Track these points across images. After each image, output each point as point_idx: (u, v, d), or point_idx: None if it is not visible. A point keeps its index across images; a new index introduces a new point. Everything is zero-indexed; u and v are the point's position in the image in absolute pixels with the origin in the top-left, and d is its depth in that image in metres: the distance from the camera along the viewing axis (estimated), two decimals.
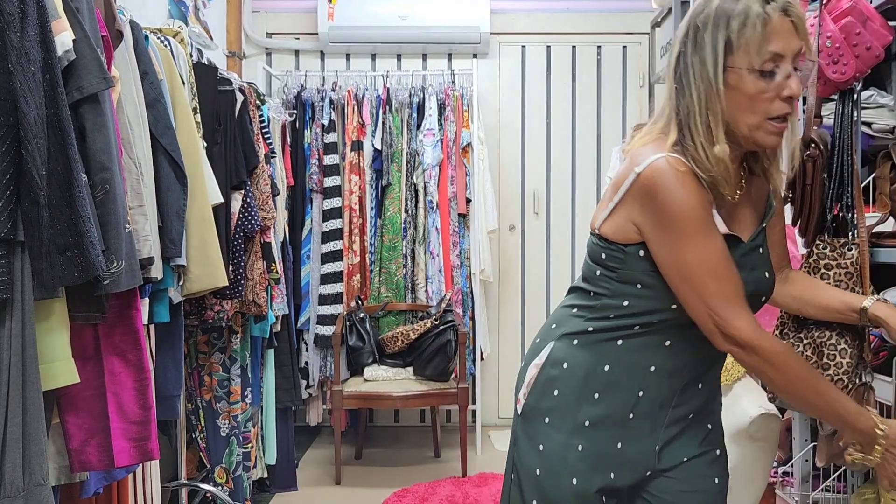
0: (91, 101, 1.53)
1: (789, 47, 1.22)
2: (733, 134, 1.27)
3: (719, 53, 1.23)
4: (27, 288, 1.41)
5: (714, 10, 1.24)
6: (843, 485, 1.94)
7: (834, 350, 1.56)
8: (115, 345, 1.72)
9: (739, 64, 1.22)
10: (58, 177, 1.41)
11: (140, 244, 1.81)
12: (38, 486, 1.42)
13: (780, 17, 1.21)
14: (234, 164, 2.64)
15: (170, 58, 2.21)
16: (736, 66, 1.23)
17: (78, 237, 1.41)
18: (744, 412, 1.95)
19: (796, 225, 1.73)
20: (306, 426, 4.37)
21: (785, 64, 1.22)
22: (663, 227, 1.25)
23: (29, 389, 1.41)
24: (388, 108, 4.15)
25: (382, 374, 3.78)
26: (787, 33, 1.22)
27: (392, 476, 3.71)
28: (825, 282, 1.61)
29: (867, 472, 1.81)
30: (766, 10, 1.21)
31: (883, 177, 1.75)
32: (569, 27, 4.58)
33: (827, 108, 1.83)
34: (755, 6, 1.21)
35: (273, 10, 4.58)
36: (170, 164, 2.04)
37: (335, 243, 4.09)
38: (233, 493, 2.93)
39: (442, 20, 4.35)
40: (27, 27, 1.36)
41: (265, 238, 2.95)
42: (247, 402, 3.02)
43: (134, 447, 1.73)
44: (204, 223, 2.21)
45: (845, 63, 1.66)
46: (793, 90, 1.22)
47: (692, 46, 1.27)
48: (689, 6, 3.07)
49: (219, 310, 2.61)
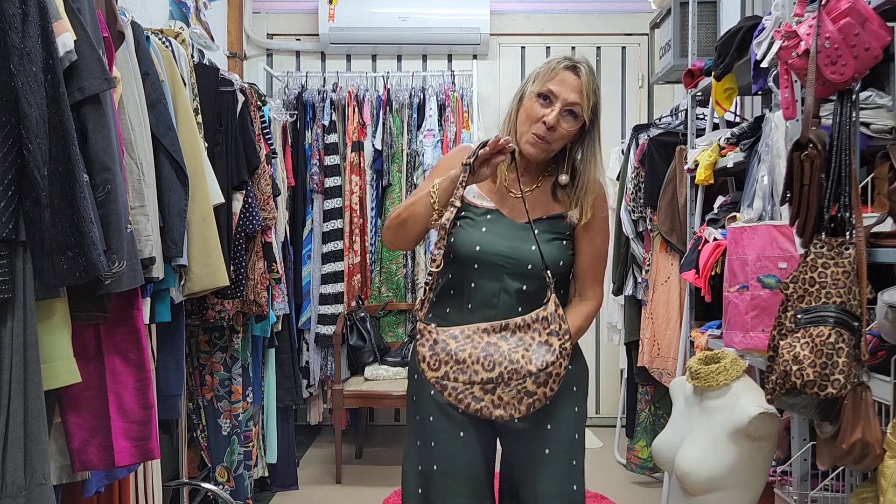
0: (93, 101, 1.54)
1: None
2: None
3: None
4: (29, 288, 1.41)
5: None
6: (842, 484, 1.95)
7: (832, 349, 1.57)
8: (117, 344, 1.72)
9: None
10: (59, 177, 1.42)
11: (141, 244, 1.82)
12: (40, 485, 1.43)
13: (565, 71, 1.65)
14: (236, 165, 2.65)
15: (171, 58, 2.22)
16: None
17: (79, 237, 1.42)
18: (742, 411, 1.96)
19: (794, 225, 1.74)
20: (307, 425, 4.38)
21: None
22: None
23: (30, 389, 1.41)
24: (389, 108, 4.16)
25: (383, 373, 3.79)
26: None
27: (392, 475, 3.71)
28: (822, 280, 1.63)
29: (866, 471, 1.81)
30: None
31: (881, 177, 1.76)
32: (568, 28, 4.59)
33: (825, 109, 1.83)
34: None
35: (274, 11, 4.59)
36: (171, 164, 2.04)
37: (336, 243, 4.10)
38: (234, 491, 2.94)
39: (442, 21, 4.36)
40: (29, 28, 1.37)
41: (266, 238, 2.96)
42: (248, 402, 3.02)
43: (135, 446, 1.74)
44: (205, 223, 2.22)
45: (844, 64, 1.67)
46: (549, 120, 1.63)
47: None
48: (689, 7, 3.10)
49: (220, 309, 2.62)
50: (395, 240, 1.74)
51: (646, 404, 3.56)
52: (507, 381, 1.57)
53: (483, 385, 1.58)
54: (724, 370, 2.06)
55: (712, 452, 2.00)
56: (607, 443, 4.17)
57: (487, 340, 1.61)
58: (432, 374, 1.60)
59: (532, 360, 1.57)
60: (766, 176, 2.29)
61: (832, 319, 1.59)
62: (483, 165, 1.59)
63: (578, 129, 1.68)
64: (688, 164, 2.94)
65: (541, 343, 1.59)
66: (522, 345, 1.59)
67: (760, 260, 2.09)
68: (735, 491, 1.98)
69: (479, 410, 1.59)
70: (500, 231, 1.68)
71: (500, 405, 1.58)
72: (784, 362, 1.62)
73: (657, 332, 3.23)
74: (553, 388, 1.59)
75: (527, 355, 1.58)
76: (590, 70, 1.67)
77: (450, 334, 1.62)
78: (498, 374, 1.57)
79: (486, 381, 1.58)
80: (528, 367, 1.57)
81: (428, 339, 1.62)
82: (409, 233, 1.70)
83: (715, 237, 2.54)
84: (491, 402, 1.58)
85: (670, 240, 3.13)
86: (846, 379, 1.56)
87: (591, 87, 1.65)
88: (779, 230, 2.08)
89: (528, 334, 1.61)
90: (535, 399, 1.58)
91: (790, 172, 1.73)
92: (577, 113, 1.65)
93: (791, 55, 1.79)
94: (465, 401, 1.59)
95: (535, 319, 1.61)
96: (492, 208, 1.71)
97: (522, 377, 1.57)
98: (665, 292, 3.22)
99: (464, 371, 1.59)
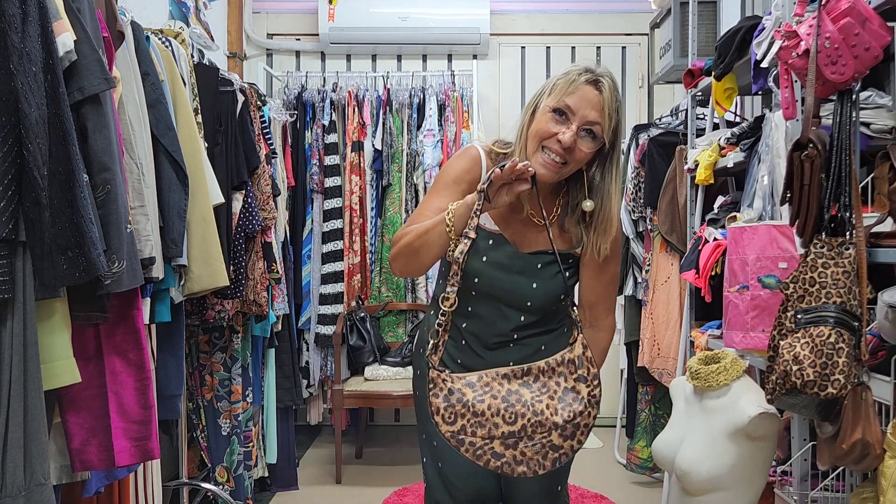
0: (92, 101, 1.53)
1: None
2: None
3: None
4: (29, 288, 1.41)
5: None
6: (842, 484, 1.95)
7: (832, 349, 1.57)
8: (117, 344, 1.72)
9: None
10: (59, 177, 1.41)
11: (141, 244, 1.81)
12: (40, 485, 1.42)
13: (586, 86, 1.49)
14: (235, 165, 2.65)
15: (171, 58, 2.22)
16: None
17: (79, 237, 1.42)
18: (742, 411, 1.96)
19: (794, 225, 1.74)
20: (307, 425, 4.38)
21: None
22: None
23: (30, 389, 1.41)
24: (389, 108, 4.16)
25: (383, 373, 3.79)
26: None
27: (392, 475, 3.71)
28: (822, 280, 1.62)
29: (866, 471, 1.81)
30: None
31: (881, 177, 1.76)
32: (568, 28, 4.59)
33: (825, 109, 1.83)
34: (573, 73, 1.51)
35: (274, 11, 4.58)
36: (171, 164, 2.04)
37: (336, 243, 4.10)
38: (234, 492, 2.94)
39: (442, 21, 4.36)
40: (29, 28, 1.37)
41: (266, 238, 2.96)
42: (248, 402, 3.02)
43: (135, 446, 1.73)
44: (205, 223, 2.22)
45: (844, 64, 1.67)
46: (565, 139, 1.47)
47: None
48: (689, 7, 3.09)
49: (220, 309, 2.62)
50: (406, 269, 1.58)
51: (646, 404, 3.56)
52: (530, 435, 1.43)
53: (504, 440, 1.44)
54: (725, 370, 2.05)
55: (712, 452, 2.00)
56: (607, 443, 4.17)
57: (508, 388, 1.46)
58: (447, 429, 1.45)
59: (558, 410, 1.43)
60: (766, 176, 2.29)
61: (832, 319, 1.59)
62: (500, 192, 1.43)
63: (596, 151, 1.52)
64: (688, 164, 2.94)
65: (567, 390, 1.46)
66: (547, 392, 1.46)
67: (761, 260, 2.09)
68: (735, 491, 1.98)
69: (500, 468, 1.45)
70: (500, 261, 1.56)
71: (523, 461, 1.45)
72: (784, 362, 1.62)
73: (657, 332, 3.23)
74: (581, 440, 1.46)
75: (552, 405, 1.44)
76: (613, 85, 1.50)
77: (466, 382, 1.46)
78: (521, 428, 1.43)
79: (507, 434, 1.43)
80: (554, 418, 1.43)
81: (442, 389, 1.45)
82: (421, 262, 1.54)
83: (715, 237, 2.54)
84: (513, 458, 1.45)
85: (670, 240, 3.13)
86: (846, 379, 1.56)
87: (613, 106, 1.49)
88: (779, 230, 2.08)
89: (553, 380, 1.47)
90: (561, 454, 1.45)
91: (790, 172, 1.73)
92: (596, 133, 1.49)
93: (791, 55, 1.78)
94: (483, 457, 1.45)
95: (560, 363, 1.48)
96: (495, 232, 1.58)
97: (547, 430, 1.43)
98: (665, 292, 3.22)
99: (482, 424, 1.44)
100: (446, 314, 1.48)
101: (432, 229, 1.49)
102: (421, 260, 1.53)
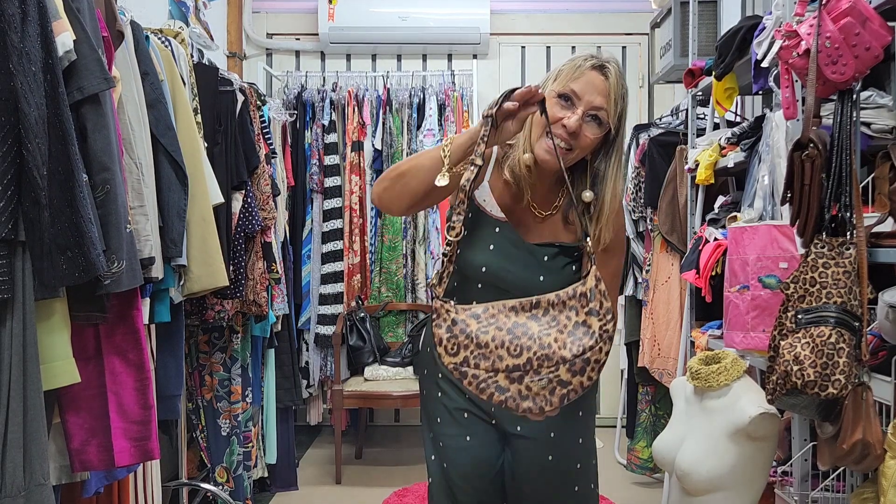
0: (92, 101, 1.53)
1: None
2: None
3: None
4: (28, 288, 1.41)
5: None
6: (843, 484, 1.94)
7: (832, 349, 1.56)
8: (116, 344, 1.72)
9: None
10: (59, 177, 1.41)
11: (141, 244, 1.81)
12: (39, 485, 1.42)
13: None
14: (235, 165, 2.65)
15: (170, 58, 2.21)
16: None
17: (79, 237, 1.42)
18: (743, 411, 1.95)
19: (794, 225, 1.74)
20: (307, 426, 4.37)
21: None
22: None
23: (30, 389, 1.41)
24: (389, 108, 4.16)
25: (383, 373, 3.79)
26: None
27: (392, 475, 3.71)
28: (823, 280, 1.62)
29: (867, 472, 1.81)
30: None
31: (882, 177, 1.76)
32: (568, 28, 4.59)
33: (826, 109, 1.83)
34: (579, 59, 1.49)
35: (273, 10, 4.58)
36: (171, 164, 2.04)
37: (335, 243, 4.10)
38: (233, 492, 2.94)
39: (442, 21, 4.35)
40: (28, 28, 1.36)
41: (266, 238, 2.95)
42: (247, 402, 3.02)
43: (134, 447, 1.73)
44: (205, 223, 2.22)
45: (844, 63, 1.66)
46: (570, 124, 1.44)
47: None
48: (689, 7, 3.09)
49: (219, 309, 2.62)
50: (386, 195, 1.51)
51: (646, 405, 3.56)
52: (536, 369, 1.36)
53: (508, 373, 1.37)
54: (725, 370, 2.05)
55: (713, 453, 2.00)
56: (608, 443, 4.17)
57: (515, 321, 1.39)
58: (450, 360, 1.38)
59: (567, 344, 1.36)
60: (766, 176, 2.29)
61: (833, 319, 1.59)
62: (508, 119, 1.39)
63: (601, 138, 1.49)
64: (688, 164, 2.94)
65: (577, 324, 1.38)
66: (556, 326, 1.39)
67: (761, 260, 2.09)
68: (735, 491, 1.98)
69: (504, 402, 1.38)
70: (507, 251, 1.52)
71: (529, 396, 1.37)
72: (785, 362, 1.62)
73: (658, 332, 3.23)
74: (591, 377, 1.37)
75: (560, 339, 1.37)
76: (619, 72, 1.48)
77: (471, 313, 1.40)
78: (526, 361, 1.36)
79: (511, 368, 1.36)
80: (562, 352, 1.36)
81: (445, 320, 1.39)
82: (405, 188, 1.48)
83: (715, 237, 2.54)
84: (518, 393, 1.37)
85: (671, 240, 3.13)
86: (847, 379, 1.56)
87: (619, 92, 1.47)
88: (779, 230, 2.07)
89: (564, 313, 1.39)
90: (569, 390, 1.37)
91: (791, 172, 1.72)
92: (602, 119, 1.46)
93: (792, 55, 1.78)
94: (487, 391, 1.38)
95: (571, 296, 1.40)
96: (501, 219, 1.54)
97: (555, 364, 1.36)
98: (665, 292, 3.21)
99: (486, 357, 1.37)
100: (451, 243, 1.42)
101: (426, 154, 1.47)
102: (405, 184, 1.48)
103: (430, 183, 1.43)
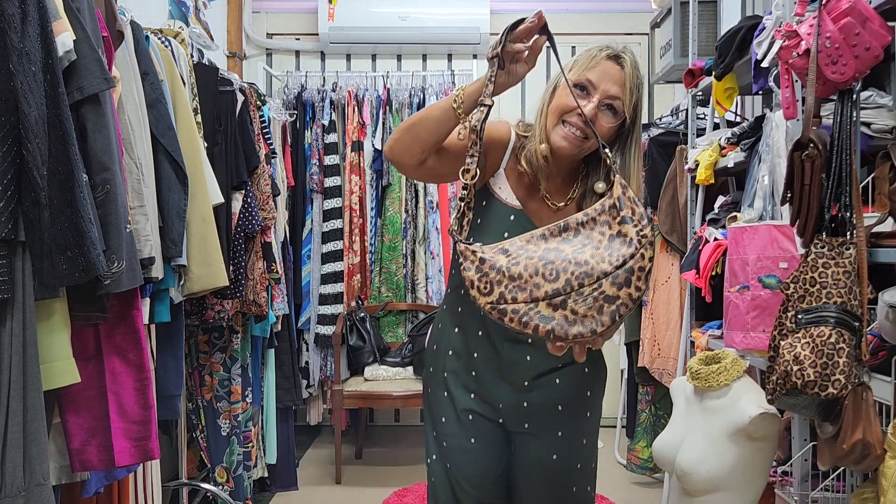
0: (92, 101, 1.53)
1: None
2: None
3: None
4: (28, 288, 1.41)
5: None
6: (843, 484, 1.94)
7: (832, 349, 1.56)
8: (116, 344, 1.72)
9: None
10: (59, 177, 1.41)
11: (141, 244, 1.81)
12: (39, 485, 1.42)
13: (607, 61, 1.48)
14: (235, 165, 2.65)
15: (170, 58, 2.21)
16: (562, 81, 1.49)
17: (79, 237, 1.42)
18: (743, 412, 1.95)
19: (794, 225, 1.74)
20: (307, 426, 4.37)
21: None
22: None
23: (30, 389, 1.41)
24: (389, 108, 4.16)
25: (383, 373, 3.78)
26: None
27: (392, 475, 3.71)
28: (823, 280, 1.62)
29: (867, 472, 1.81)
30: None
31: (882, 177, 1.76)
32: (568, 28, 4.58)
33: (826, 109, 1.83)
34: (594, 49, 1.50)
35: (273, 10, 4.58)
36: (170, 164, 2.04)
37: (335, 243, 4.10)
38: (233, 492, 2.94)
39: (442, 21, 4.35)
40: (28, 28, 1.36)
41: (266, 238, 2.95)
42: (247, 402, 3.02)
43: (135, 447, 1.73)
44: (205, 223, 2.22)
45: (844, 63, 1.66)
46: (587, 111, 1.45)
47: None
48: (689, 7, 3.09)
49: (219, 309, 2.62)
50: (397, 146, 1.47)
51: (646, 405, 3.55)
52: (577, 290, 1.25)
53: (549, 300, 1.26)
54: (725, 370, 2.05)
55: (713, 453, 2.00)
56: (608, 443, 4.17)
57: (545, 247, 1.31)
58: (485, 301, 1.29)
59: (605, 257, 1.27)
60: (766, 176, 2.29)
61: (833, 319, 1.59)
62: (515, 61, 1.37)
63: (617, 127, 1.49)
64: (688, 164, 2.94)
65: (612, 236, 1.29)
66: (590, 244, 1.30)
67: (761, 260, 2.09)
68: (735, 491, 1.98)
69: (552, 331, 1.26)
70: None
71: (577, 321, 1.25)
72: (785, 362, 1.62)
73: (657, 332, 3.23)
74: (640, 286, 1.26)
75: (598, 254, 1.27)
76: (634, 63, 1.49)
77: (499, 249, 1.32)
78: (565, 283, 1.26)
79: (551, 294, 1.26)
80: (602, 266, 1.26)
81: (473, 261, 1.31)
82: (416, 138, 1.45)
83: (715, 237, 2.54)
84: (564, 319, 1.25)
85: (671, 240, 3.13)
86: (847, 379, 1.56)
87: (634, 82, 1.47)
88: (779, 230, 2.07)
89: (596, 230, 1.31)
90: (618, 305, 1.25)
91: (791, 172, 1.72)
92: (617, 109, 1.46)
93: (792, 55, 1.78)
94: (531, 323, 1.26)
95: (600, 211, 1.32)
96: (516, 208, 1.54)
97: (596, 280, 1.25)
98: (666, 292, 3.22)
99: (522, 288, 1.27)
100: (468, 187, 1.36)
101: (437, 104, 1.46)
102: (415, 133, 1.45)
103: (441, 133, 1.45)
